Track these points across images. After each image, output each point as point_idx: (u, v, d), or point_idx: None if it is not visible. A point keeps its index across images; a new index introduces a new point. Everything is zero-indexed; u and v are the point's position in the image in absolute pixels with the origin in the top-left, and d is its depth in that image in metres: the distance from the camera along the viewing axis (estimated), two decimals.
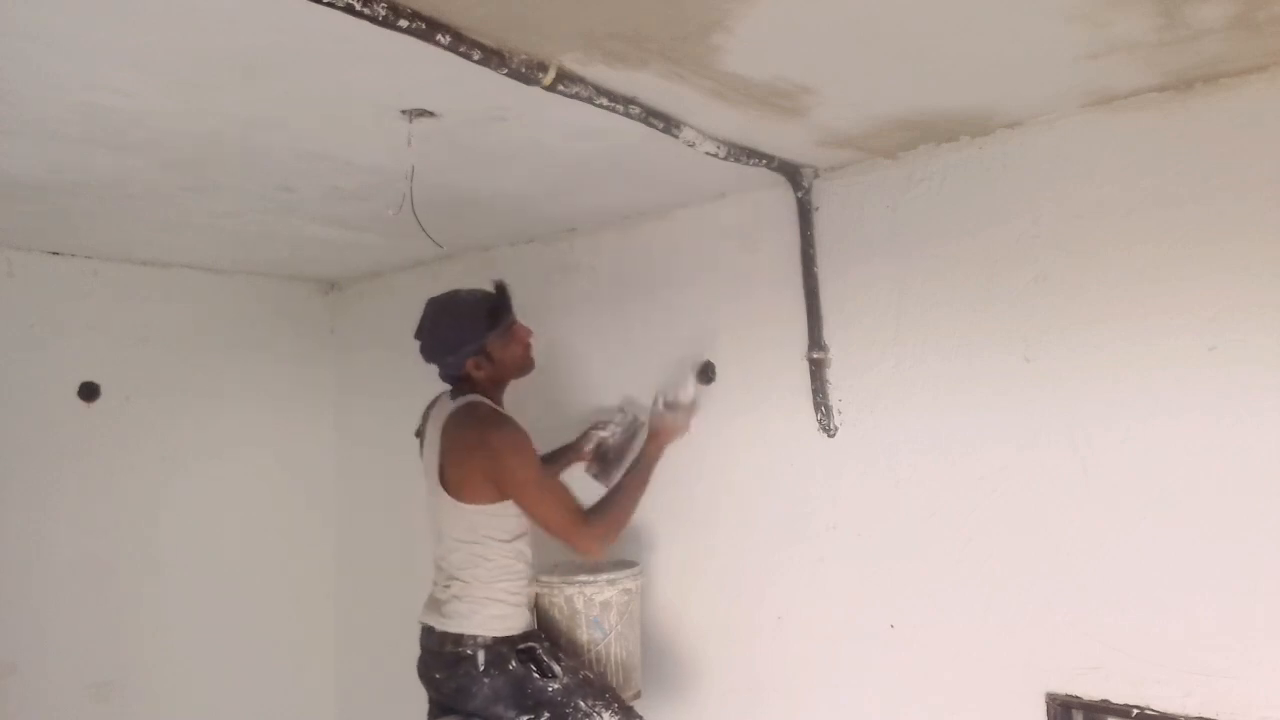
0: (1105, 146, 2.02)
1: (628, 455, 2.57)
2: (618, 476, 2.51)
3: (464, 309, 2.30)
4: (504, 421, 2.22)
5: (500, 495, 2.20)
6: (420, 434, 2.48)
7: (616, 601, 2.43)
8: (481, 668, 2.18)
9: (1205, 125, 1.90)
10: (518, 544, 2.26)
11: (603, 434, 2.61)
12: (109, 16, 1.44)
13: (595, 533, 2.20)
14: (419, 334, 2.34)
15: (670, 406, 2.46)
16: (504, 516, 2.22)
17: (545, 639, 2.30)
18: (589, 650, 2.39)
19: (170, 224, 2.77)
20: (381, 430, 3.65)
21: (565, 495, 2.25)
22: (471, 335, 2.26)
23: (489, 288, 2.36)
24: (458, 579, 2.24)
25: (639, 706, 2.36)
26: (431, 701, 2.32)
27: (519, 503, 2.20)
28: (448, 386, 2.37)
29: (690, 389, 2.46)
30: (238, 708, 3.47)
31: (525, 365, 2.40)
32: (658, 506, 2.81)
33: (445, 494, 2.22)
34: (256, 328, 3.67)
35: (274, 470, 3.69)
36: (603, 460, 2.59)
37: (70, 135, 1.97)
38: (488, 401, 2.28)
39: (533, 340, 2.39)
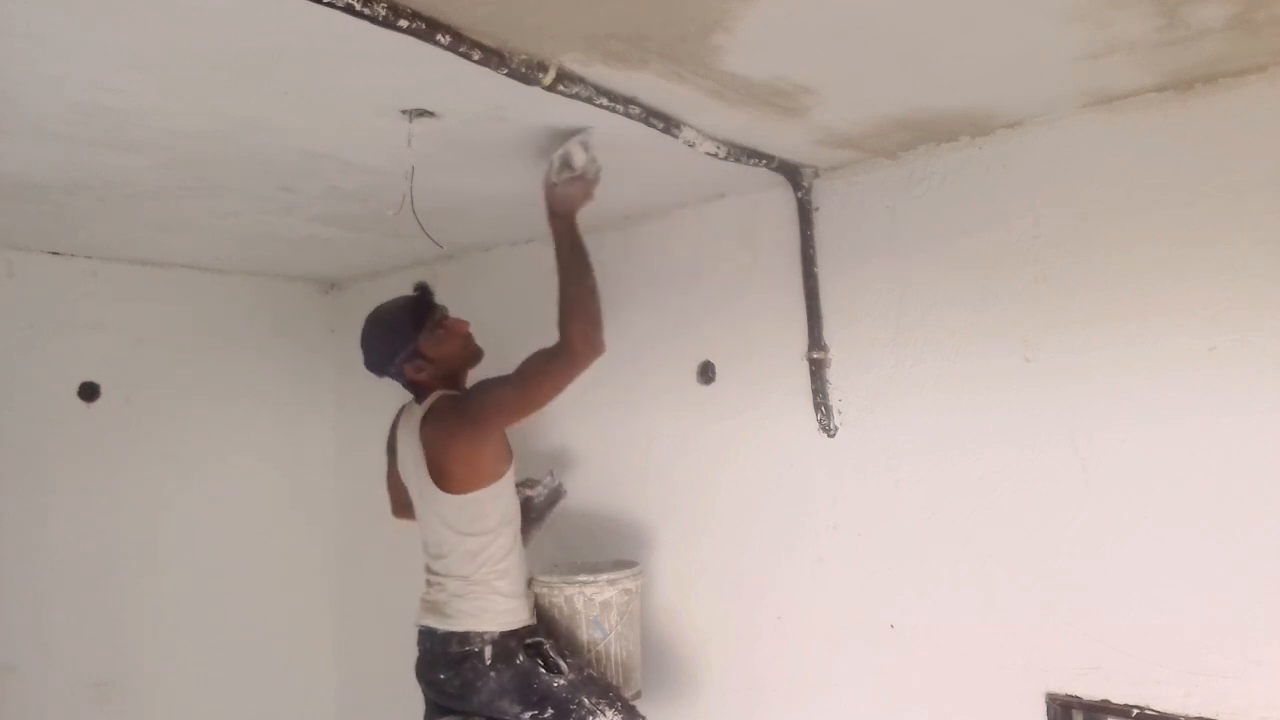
0: (1105, 146, 2.02)
1: (546, 518, 2.61)
2: (535, 535, 2.56)
3: (388, 318, 2.35)
4: (469, 392, 2.26)
5: (493, 471, 2.22)
6: (391, 447, 2.50)
7: (616, 601, 2.43)
8: (488, 662, 2.19)
9: (1205, 125, 1.90)
10: (511, 529, 2.29)
11: (529, 492, 2.59)
12: (109, 16, 1.44)
13: (578, 339, 2.05)
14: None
15: (566, 180, 2.11)
16: (497, 499, 2.25)
17: (551, 635, 2.31)
18: (589, 650, 2.38)
19: (170, 224, 2.77)
20: (381, 430, 3.63)
21: (529, 364, 2.12)
22: (400, 342, 2.30)
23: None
24: (456, 578, 2.24)
25: (639, 706, 2.36)
26: (429, 702, 2.33)
27: (523, 409, 2.16)
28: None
29: (580, 155, 2.09)
30: (238, 708, 3.47)
31: (468, 356, 2.40)
32: (658, 506, 2.81)
33: (439, 490, 2.23)
34: (256, 328, 3.67)
35: (274, 470, 3.69)
36: (525, 519, 2.55)
37: (70, 135, 1.96)
38: (453, 392, 2.32)
39: (470, 329, 2.40)
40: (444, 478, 2.24)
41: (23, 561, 3.02)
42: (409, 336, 2.30)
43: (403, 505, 2.55)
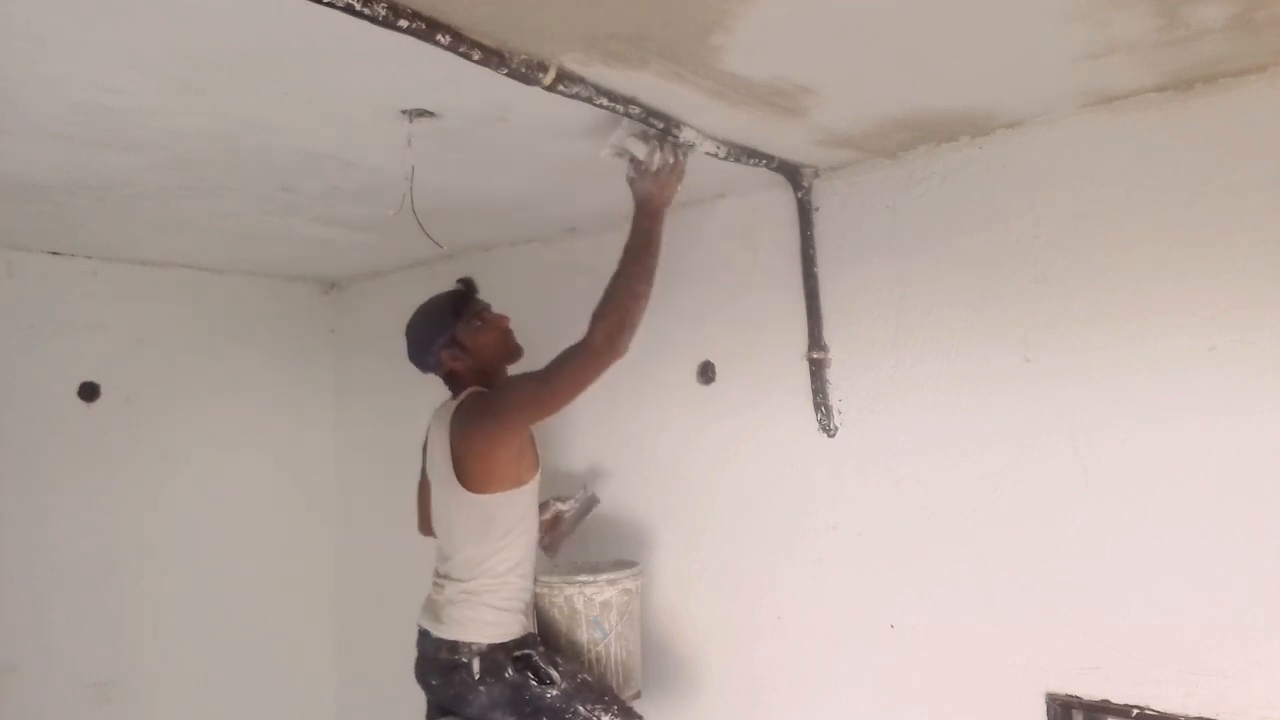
0: (1105, 146, 2.02)
1: (576, 529, 2.63)
2: (562, 545, 2.59)
3: (431, 306, 2.40)
4: (498, 386, 2.27)
5: (512, 476, 2.21)
6: (424, 447, 2.48)
7: (616, 601, 2.43)
8: (477, 676, 2.16)
9: (1205, 125, 1.90)
10: (522, 543, 2.26)
11: (562, 507, 2.59)
12: (109, 16, 1.44)
13: (600, 336, 1.99)
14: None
15: (641, 174, 2.06)
16: (510, 508, 2.23)
17: (542, 644, 2.28)
18: (589, 650, 2.38)
19: (170, 224, 2.77)
20: (381, 430, 3.66)
21: (555, 360, 2.07)
22: (439, 328, 2.34)
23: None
24: (455, 582, 2.23)
25: (639, 706, 2.36)
26: (430, 702, 2.32)
27: (548, 405, 2.12)
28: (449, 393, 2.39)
29: (638, 147, 2.01)
30: (238, 708, 3.47)
31: (506, 351, 2.41)
32: (658, 506, 2.81)
33: (458, 486, 2.21)
34: (256, 327, 3.67)
35: (274, 470, 3.69)
36: (555, 532, 2.59)
37: (70, 135, 1.97)
38: (485, 390, 2.30)
39: (510, 326, 2.41)
40: (463, 473, 2.22)
41: (23, 561, 3.02)
42: (447, 324, 2.33)
43: (429, 520, 2.49)
